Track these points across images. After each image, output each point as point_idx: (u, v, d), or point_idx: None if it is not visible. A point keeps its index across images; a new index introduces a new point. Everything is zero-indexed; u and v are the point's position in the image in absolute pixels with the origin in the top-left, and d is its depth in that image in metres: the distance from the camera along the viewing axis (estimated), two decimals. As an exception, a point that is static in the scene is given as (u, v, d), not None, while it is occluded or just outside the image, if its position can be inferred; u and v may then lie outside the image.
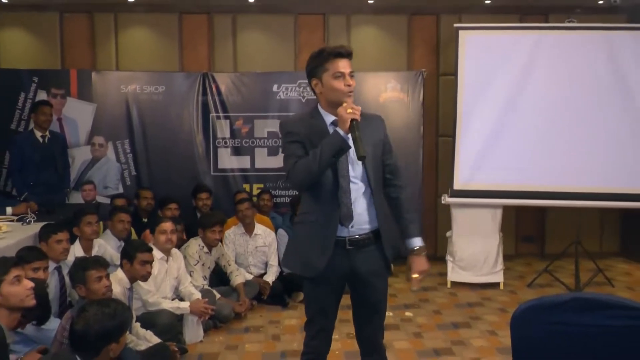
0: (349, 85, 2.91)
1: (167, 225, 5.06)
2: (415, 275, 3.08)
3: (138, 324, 4.44)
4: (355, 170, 2.99)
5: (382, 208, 3.07)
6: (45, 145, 6.35)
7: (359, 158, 2.80)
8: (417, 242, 3.09)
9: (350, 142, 2.82)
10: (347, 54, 2.94)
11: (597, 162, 6.34)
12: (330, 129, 2.94)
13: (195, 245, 5.61)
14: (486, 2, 7.20)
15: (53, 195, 6.27)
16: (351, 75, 2.93)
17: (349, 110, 2.81)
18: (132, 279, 4.41)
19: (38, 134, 6.34)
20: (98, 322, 2.69)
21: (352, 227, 2.97)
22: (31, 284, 3.03)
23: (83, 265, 3.94)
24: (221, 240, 5.84)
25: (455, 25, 6.59)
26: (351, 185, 2.97)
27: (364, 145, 2.81)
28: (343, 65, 2.91)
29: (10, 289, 2.92)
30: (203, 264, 5.61)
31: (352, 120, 2.79)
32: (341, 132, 2.80)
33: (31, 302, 3.02)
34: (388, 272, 3.14)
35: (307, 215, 3.08)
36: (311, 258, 3.00)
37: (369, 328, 3.15)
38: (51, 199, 6.09)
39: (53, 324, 3.76)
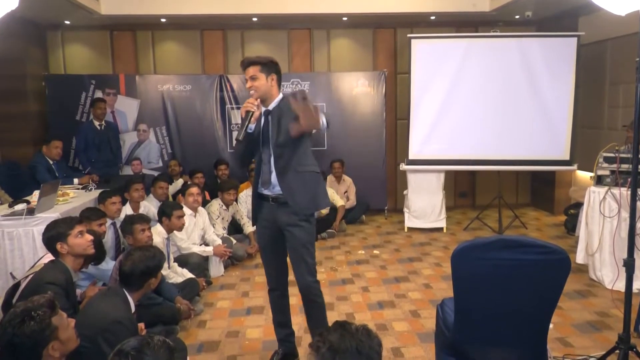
0: (248, 87, 2.92)
1: (194, 190, 5.02)
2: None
3: (175, 264, 4.41)
4: (274, 156, 2.93)
5: (292, 181, 2.90)
6: (102, 132, 6.28)
7: (236, 140, 2.89)
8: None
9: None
10: (244, 65, 2.92)
11: (513, 137, 6.29)
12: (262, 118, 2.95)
13: (216, 204, 5.53)
14: (431, 18, 7.07)
15: (109, 169, 6.26)
16: (251, 78, 2.88)
17: (245, 104, 2.85)
18: (169, 231, 4.37)
19: (96, 123, 6.26)
20: (142, 262, 2.63)
21: (274, 188, 2.95)
22: (91, 237, 2.97)
23: (130, 220, 3.92)
24: (236, 200, 5.76)
25: (408, 35, 6.47)
26: (271, 158, 2.93)
27: (272, 127, 2.89)
28: (246, 73, 2.91)
29: (75, 241, 2.87)
30: (222, 218, 5.53)
31: (246, 111, 2.83)
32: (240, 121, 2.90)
33: (91, 251, 2.97)
34: (310, 222, 2.95)
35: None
36: (252, 210, 3.15)
37: (295, 268, 2.98)
38: (108, 172, 6.09)
39: (109, 265, 3.71)
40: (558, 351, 3.20)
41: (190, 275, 4.34)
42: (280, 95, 2.96)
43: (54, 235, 2.86)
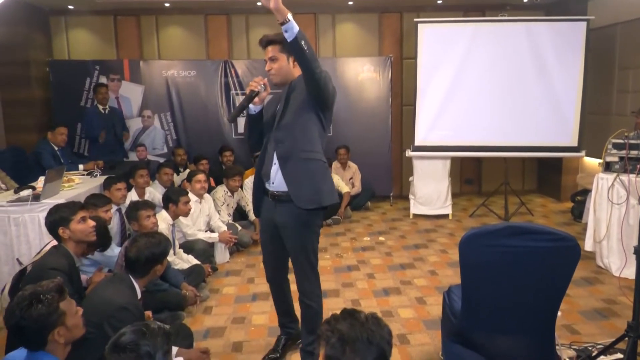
0: (267, 70, 2.70)
1: (201, 177, 4.99)
2: None
3: (181, 250, 4.41)
4: (275, 141, 2.70)
5: (295, 171, 2.65)
6: (106, 116, 6.25)
7: (227, 119, 2.75)
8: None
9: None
10: (263, 44, 2.68)
11: (520, 123, 6.23)
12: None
13: (221, 190, 5.52)
14: (438, 2, 6.99)
15: (114, 155, 6.23)
16: (271, 59, 2.66)
17: (249, 84, 2.66)
18: (175, 217, 4.37)
19: (100, 107, 6.24)
20: (148, 249, 2.62)
21: (272, 183, 2.73)
22: (93, 223, 2.95)
23: (136, 207, 3.91)
24: (241, 187, 5.74)
25: (415, 19, 6.38)
26: (275, 150, 2.70)
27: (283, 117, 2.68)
28: (266, 53, 2.68)
29: (77, 227, 2.85)
30: (228, 205, 5.52)
31: (250, 90, 2.64)
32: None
33: (93, 237, 2.95)
34: (304, 227, 2.72)
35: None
36: (256, 202, 2.91)
37: (295, 270, 2.83)
38: (112, 157, 6.05)
39: (115, 251, 3.70)
40: (565, 338, 3.18)
41: (195, 261, 4.34)
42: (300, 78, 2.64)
43: (56, 220, 2.84)
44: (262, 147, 2.81)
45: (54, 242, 2.93)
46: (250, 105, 2.70)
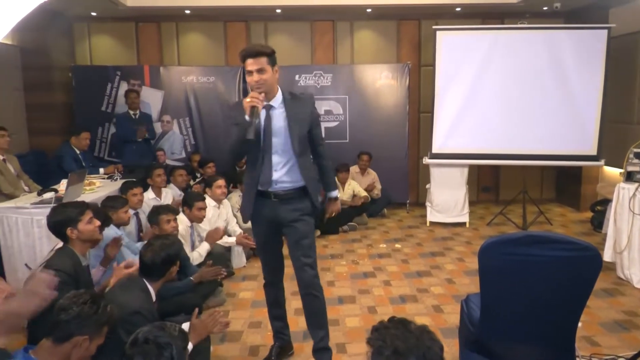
0: (255, 81, 2.66)
1: (221, 182, 5.03)
2: (327, 215, 3.17)
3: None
4: (281, 143, 2.77)
5: (308, 169, 2.86)
6: (137, 120, 6.30)
7: (247, 140, 2.62)
8: (334, 193, 3.13)
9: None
10: (254, 54, 2.66)
11: (539, 131, 6.17)
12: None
13: (235, 196, 5.58)
14: (457, 9, 6.97)
15: (142, 159, 6.16)
16: (260, 70, 2.65)
17: (247, 100, 2.63)
18: (191, 220, 4.39)
19: (131, 112, 6.32)
20: (163, 250, 2.66)
21: (276, 184, 2.80)
22: (99, 223, 2.95)
23: (158, 211, 3.95)
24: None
25: (433, 27, 6.38)
26: (274, 156, 2.77)
27: (288, 121, 2.75)
28: (249, 63, 2.65)
29: (85, 227, 2.85)
30: (244, 209, 5.57)
31: (252, 107, 2.61)
32: (247, 118, 2.62)
33: (98, 236, 2.97)
34: (311, 218, 2.91)
35: (245, 177, 2.95)
36: (245, 208, 2.94)
37: (296, 263, 2.88)
38: (141, 162, 6.03)
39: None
40: (585, 350, 3.14)
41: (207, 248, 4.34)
42: (279, 89, 2.80)
43: (64, 220, 2.83)
44: (252, 159, 2.84)
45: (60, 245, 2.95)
46: (247, 119, 2.66)
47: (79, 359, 1.95)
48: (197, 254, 4.28)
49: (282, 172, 2.80)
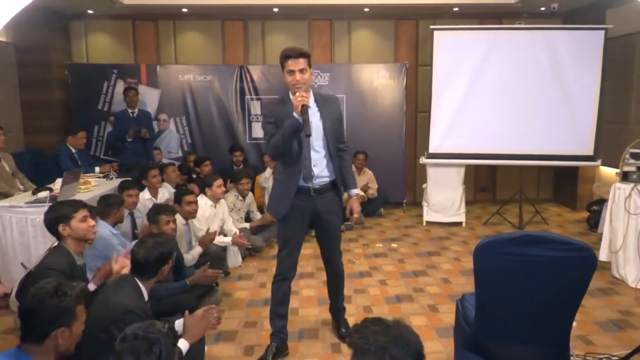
0: (297, 80, 2.87)
1: (220, 181, 5.00)
2: (355, 215, 3.21)
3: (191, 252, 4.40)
4: (318, 140, 2.99)
5: (337, 165, 3.10)
6: (135, 119, 6.25)
7: (306, 135, 2.81)
8: (354, 191, 3.20)
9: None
10: (297, 55, 2.87)
11: (536, 131, 6.19)
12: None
13: (231, 196, 5.55)
14: (454, 9, 6.97)
15: (139, 158, 6.15)
16: (302, 70, 2.87)
17: (299, 99, 2.79)
18: (185, 217, 4.34)
19: (129, 110, 6.28)
20: (156, 248, 2.63)
21: (315, 180, 3.02)
22: (93, 223, 2.96)
23: (157, 211, 3.90)
24: (252, 190, 5.80)
25: (431, 27, 6.38)
26: (312, 153, 2.99)
27: (323, 121, 2.97)
28: (292, 64, 2.86)
29: (78, 225, 2.85)
30: (239, 209, 5.56)
31: (302, 105, 2.78)
32: (296, 115, 2.81)
33: (92, 236, 2.95)
34: (340, 210, 3.22)
35: (278, 174, 3.15)
36: (278, 205, 3.09)
37: (330, 251, 3.27)
38: (138, 161, 6.02)
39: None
40: (580, 349, 3.14)
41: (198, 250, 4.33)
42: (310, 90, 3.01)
43: (57, 217, 2.84)
44: (297, 153, 2.97)
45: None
46: (296, 116, 2.83)
47: (67, 345, 1.90)
48: (191, 256, 4.26)
49: (320, 167, 3.03)
